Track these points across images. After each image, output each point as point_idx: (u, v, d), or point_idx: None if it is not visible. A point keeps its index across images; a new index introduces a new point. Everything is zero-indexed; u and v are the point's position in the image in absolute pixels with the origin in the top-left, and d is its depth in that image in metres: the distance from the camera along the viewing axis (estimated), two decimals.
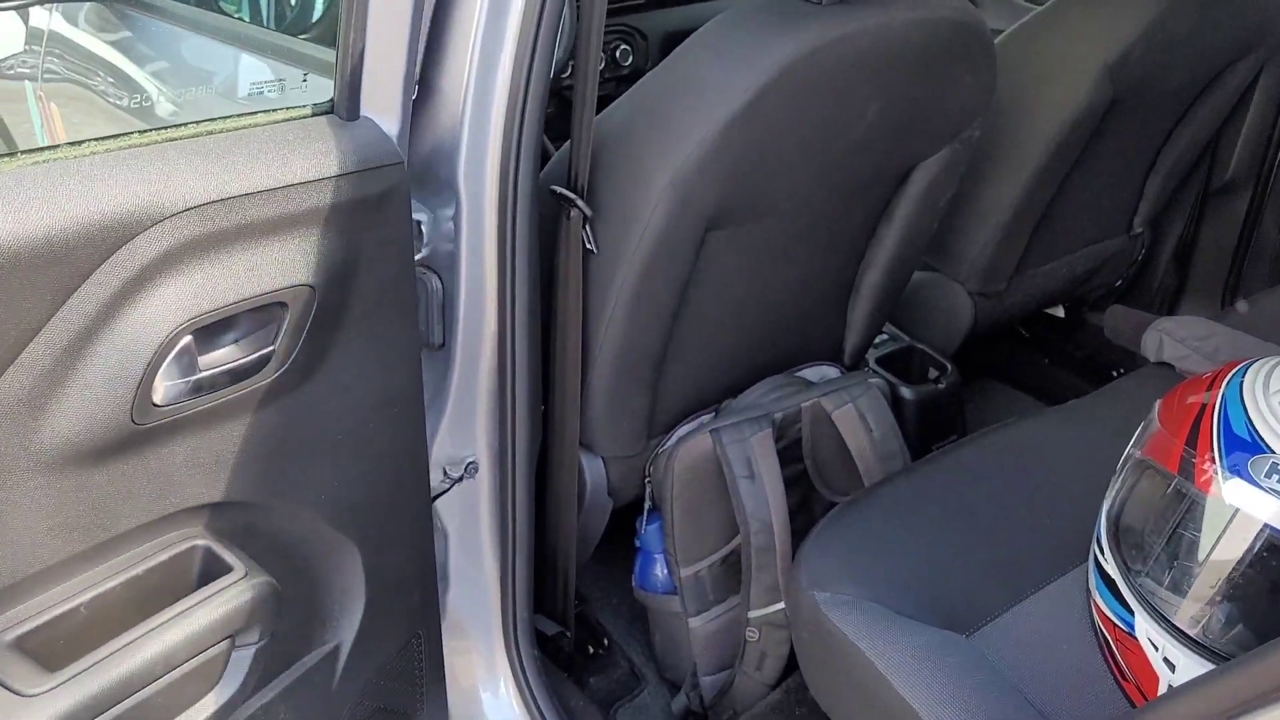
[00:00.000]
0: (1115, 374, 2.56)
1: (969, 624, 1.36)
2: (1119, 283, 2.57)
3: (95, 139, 1.06)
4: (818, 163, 1.53)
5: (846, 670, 1.34)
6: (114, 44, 2.38)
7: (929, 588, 1.41)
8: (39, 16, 2.48)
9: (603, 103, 1.45)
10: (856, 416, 1.77)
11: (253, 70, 2.12)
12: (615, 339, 1.55)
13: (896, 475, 1.64)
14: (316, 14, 2.25)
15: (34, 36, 2.48)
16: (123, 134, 1.07)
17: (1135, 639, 1.25)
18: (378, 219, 1.21)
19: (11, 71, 2.71)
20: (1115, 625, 1.28)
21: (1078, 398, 1.84)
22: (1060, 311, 2.72)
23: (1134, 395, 1.77)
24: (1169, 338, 1.83)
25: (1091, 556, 1.36)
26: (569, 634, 1.79)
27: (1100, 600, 1.32)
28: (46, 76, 2.43)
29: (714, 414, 1.81)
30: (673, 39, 2.54)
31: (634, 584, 1.86)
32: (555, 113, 2.27)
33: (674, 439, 1.76)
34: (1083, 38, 1.92)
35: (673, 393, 1.73)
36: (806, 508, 1.82)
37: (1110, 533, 1.32)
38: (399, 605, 1.44)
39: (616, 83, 2.55)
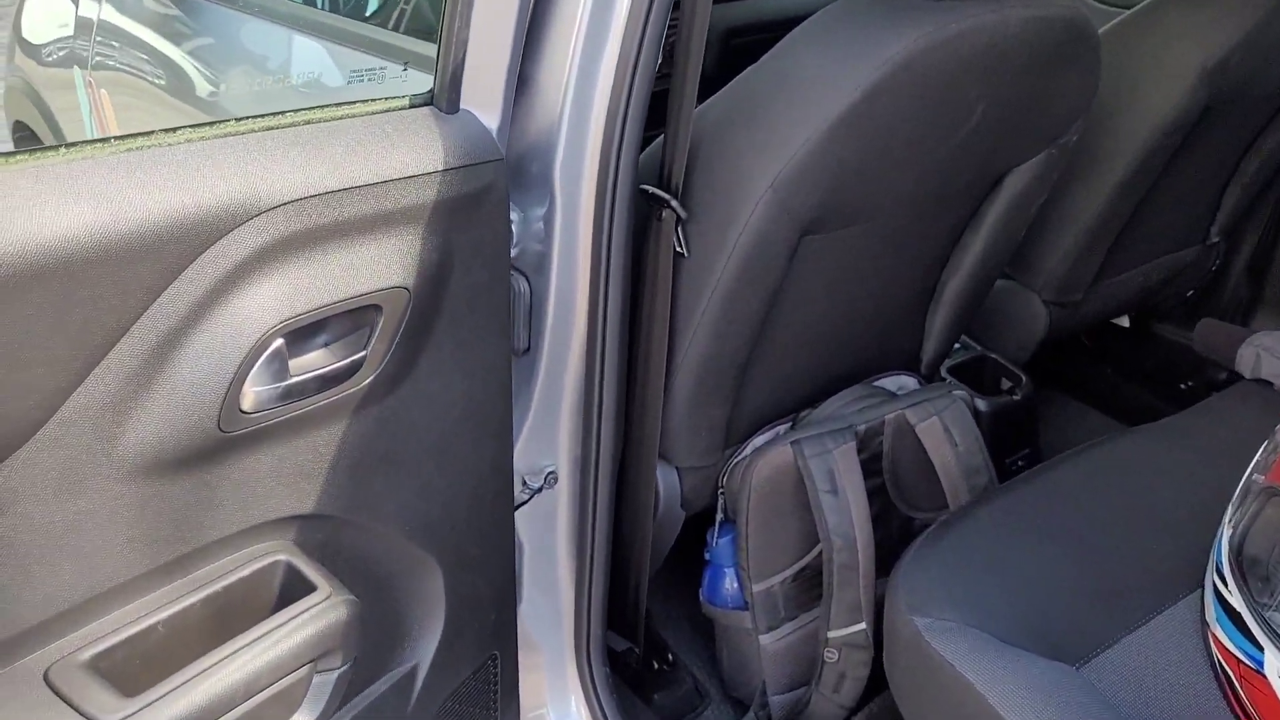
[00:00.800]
0: (1183, 386, 2.50)
1: (1078, 654, 1.30)
2: (1191, 293, 2.49)
3: (189, 126, 0.99)
4: (920, 166, 1.46)
5: (952, 702, 1.27)
6: (163, 29, 2.32)
7: (1034, 615, 1.34)
8: (88, 3, 2.42)
9: (659, 98, 1.38)
10: (941, 430, 1.70)
11: (312, 56, 2.06)
12: (701, 347, 1.48)
13: (992, 494, 1.57)
14: (372, 5, 2.19)
15: (83, 23, 2.42)
16: (217, 121, 1.01)
17: (1264, 676, 1.18)
18: (475, 218, 1.14)
19: (54, 58, 2.65)
20: (1240, 661, 1.21)
21: (1147, 409, 1.76)
22: (1126, 321, 2.64)
23: (1233, 413, 1.70)
24: (1268, 354, 1.76)
25: (1210, 587, 1.29)
26: (637, 650, 1.73)
27: (1222, 634, 1.25)
28: (96, 62, 2.37)
29: (790, 424, 1.74)
30: (733, 34, 2.49)
31: (702, 598, 1.80)
32: None
33: (750, 449, 1.70)
34: (1180, 40, 1.85)
35: (751, 402, 1.66)
36: (883, 522, 1.76)
37: (1233, 563, 1.25)
38: (478, 624, 1.37)
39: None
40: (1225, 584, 1.25)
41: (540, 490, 1.44)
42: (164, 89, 2.24)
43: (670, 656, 1.90)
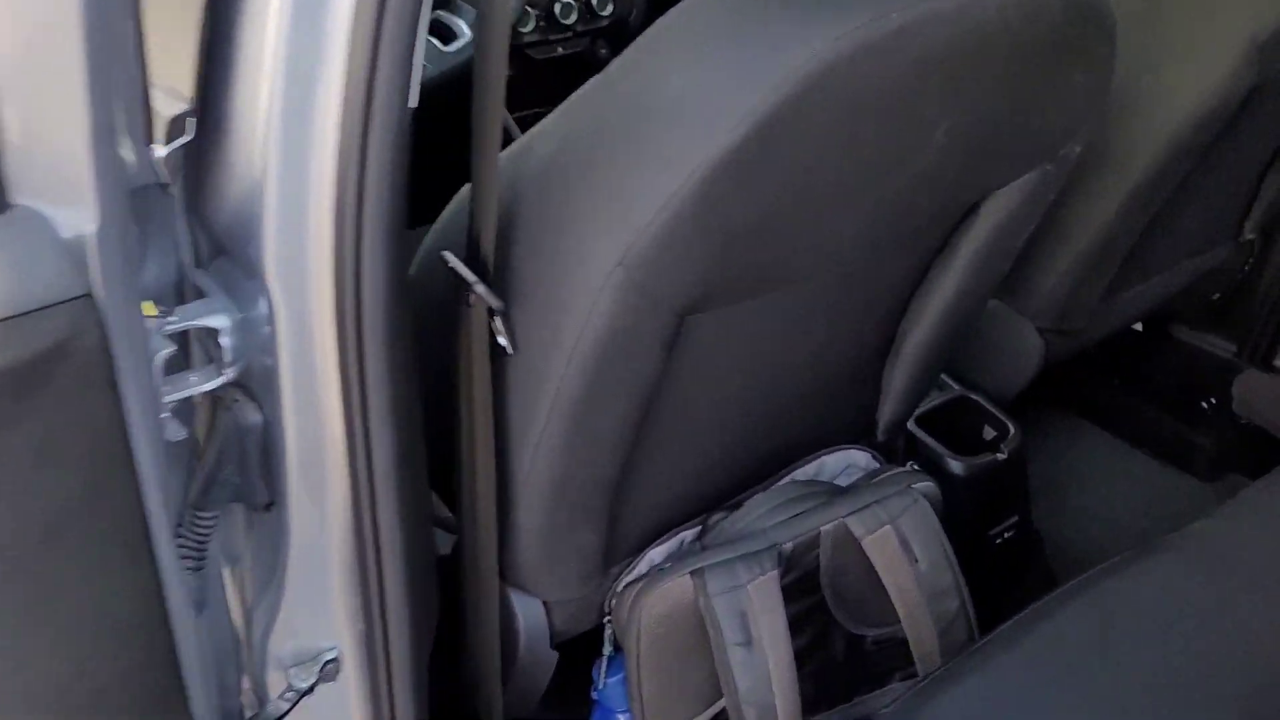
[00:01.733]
0: (1205, 405, 2.09)
1: None
2: (1216, 296, 2.07)
3: None
4: (856, 211, 1.02)
5: None
6: None
7: None
8: None
9: (570, 63, 0.91)
10: (896, 545, 1.27)
11: None
12: (549, 466, 1.06)
13: (983, 649, 1.12)
14: None
15: None
16: None
17: None
18: (34, 405, 0.69)
19: None
20: None
21: (1162, 430, 1.33)
22: (1138, 324, 2.22)
23: None
24: None
25: None
26: None
27: None
28: None
29: (700, 531, 1.31)
30: None
31: None
32: (520, 75, 1.75)
33: (644, 567, 1.28)
34: (1224, 9, 1.42)
35: (641, 511, 1.24)
36: (821, 645, 1.34)
37: None
38: None
39: (592, 37, 2.03)
40: None
41: (313, 689, 1.01)
42: None
43: None
